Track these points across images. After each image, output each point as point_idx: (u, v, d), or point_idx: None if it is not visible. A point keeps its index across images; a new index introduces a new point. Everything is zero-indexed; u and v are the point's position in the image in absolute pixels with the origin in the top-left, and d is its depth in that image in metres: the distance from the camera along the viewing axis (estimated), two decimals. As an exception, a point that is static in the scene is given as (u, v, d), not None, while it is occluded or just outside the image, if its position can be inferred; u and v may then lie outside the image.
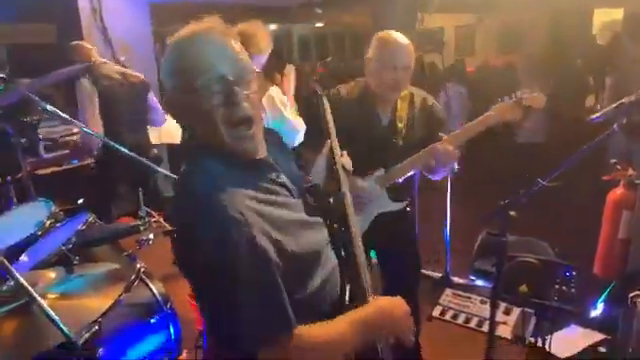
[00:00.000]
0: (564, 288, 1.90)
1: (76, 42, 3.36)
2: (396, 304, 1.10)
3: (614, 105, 1.42)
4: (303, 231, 1.04)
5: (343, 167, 1.39)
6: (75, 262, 1.68)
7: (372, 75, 2.00)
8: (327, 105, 1.61)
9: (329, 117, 1.55)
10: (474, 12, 9.27)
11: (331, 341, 0.97)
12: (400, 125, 2.02)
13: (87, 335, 1.12)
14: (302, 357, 0.94)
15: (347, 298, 1.09)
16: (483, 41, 9.62)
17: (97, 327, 1.15)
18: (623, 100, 1.40)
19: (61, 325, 1.01)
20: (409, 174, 2.06)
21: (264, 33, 2.44)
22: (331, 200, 1.26)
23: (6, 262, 1.03)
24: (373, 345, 1.06)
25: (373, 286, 1.18)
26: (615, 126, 1.40)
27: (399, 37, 1.97)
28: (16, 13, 4.25)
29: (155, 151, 3.45)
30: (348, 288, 1.11)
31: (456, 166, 2.67)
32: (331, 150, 1.42)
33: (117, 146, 2.23)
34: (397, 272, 2.25)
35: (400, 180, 2.05)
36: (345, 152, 1.51)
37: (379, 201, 2.04)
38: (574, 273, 1.93)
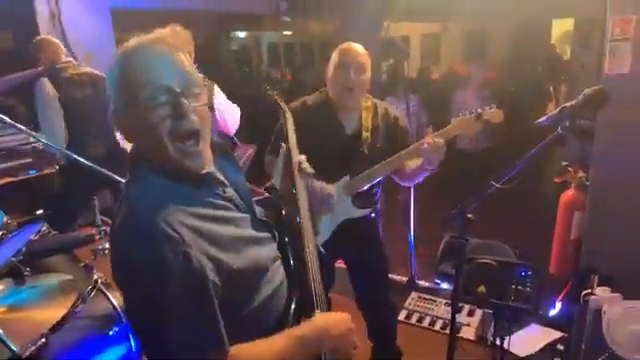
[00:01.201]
0: (520, 288, 1.94)
1: (41, 37, 3.15)
2: (337, 322, 1.07)
3: (557, 110, 1.49)
4: (248, 247, 1.02)
5: (300, 168, 1.40)
6: (26, 273, 1.63)
7: (329, 81, 2.06)
8: (289, 115, 1.64)
9: (290, 126, 1.58)
10: (439, 21, 9.49)
11: None
12: (366, 134, 2.07)
13: (33, 348, 1.08)
14: None
15: (292, 313, 1.08)
16: (448, 49, 9.85)
17: (44, 340, 1.11)
18: (565, 104, 1.47)
19: (4, 339, 0.97)
20: (376, 181, 2.10)
21: (189, 38, 2.47)
22: (284, 211, 1.24)
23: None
24: None
25: (326, 297, 1.17)
26: (559, 129, 1.47)
27: (355, 44, 2.05)
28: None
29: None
30: (294, 302, 1.10)
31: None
32: (288, 152, 1.44)
33: (75, 156, 2.17)
34: (367, 277, 2.31)
35: (365, 187, 2.08)
36: (304, 157, 1.53)
37: (344, 208, 2.08)
38: (529, 273, 1.97)
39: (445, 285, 3.29)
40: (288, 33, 10.16)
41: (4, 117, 1.63)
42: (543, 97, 6.35)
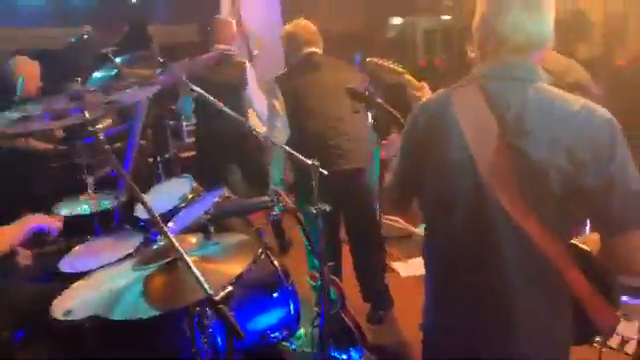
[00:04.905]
0: None
1: (224, 17, 3.57)
2: None
3: None
4: None
5: None
6: (211, 231, 1.84)
7: None
8: None
9: None
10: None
11: None
12: None
13: (223, 294, 1.21)
14: None
15: None
16: (637, 30, 8.44)
17: (231, 288, 1.24)
18: None
19: (203, 282, 1.10)
20: None
21: None
22: None
23: (163, 224, 1.16)
24: None
25: None
26: None
27: None
28: (172, 16, 4.78)
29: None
30: None
31: None
32: None
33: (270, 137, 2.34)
34: None
35: None
36: None
37: None
38: None
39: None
40: (446, 18, 9.74)
41: (203, 92, 1.84)
42: None
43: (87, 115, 1.25)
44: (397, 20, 9.90)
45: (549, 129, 1.12)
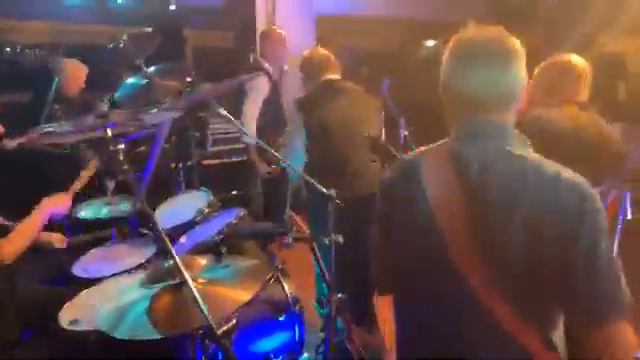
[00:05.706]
0: None
1: (281, 33, 3.57)
2: None
3: None
4: None
5: None
6: (223, 252, 1.83)
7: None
8: None
9: None
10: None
11: None
12: None
13: (225, 327, 1.20)
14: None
15: None
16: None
17: (235, 321, 1.23)
18: None
19: (205, 311, 1.09)
20: None
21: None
22: None
23: (170, 246, 1.16)
24: None
25: None
26: None
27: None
28: (208, 21, 4.87)
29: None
30: None
31: None
32: None
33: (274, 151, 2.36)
34: None
35: None
36: None
37: None
38: None
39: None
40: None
41: (229, 115, 1.85)
42: None
43: (109, 133, 1.26)
44: (430, 42, 9.86)
45: (507, 198, 1.01)
